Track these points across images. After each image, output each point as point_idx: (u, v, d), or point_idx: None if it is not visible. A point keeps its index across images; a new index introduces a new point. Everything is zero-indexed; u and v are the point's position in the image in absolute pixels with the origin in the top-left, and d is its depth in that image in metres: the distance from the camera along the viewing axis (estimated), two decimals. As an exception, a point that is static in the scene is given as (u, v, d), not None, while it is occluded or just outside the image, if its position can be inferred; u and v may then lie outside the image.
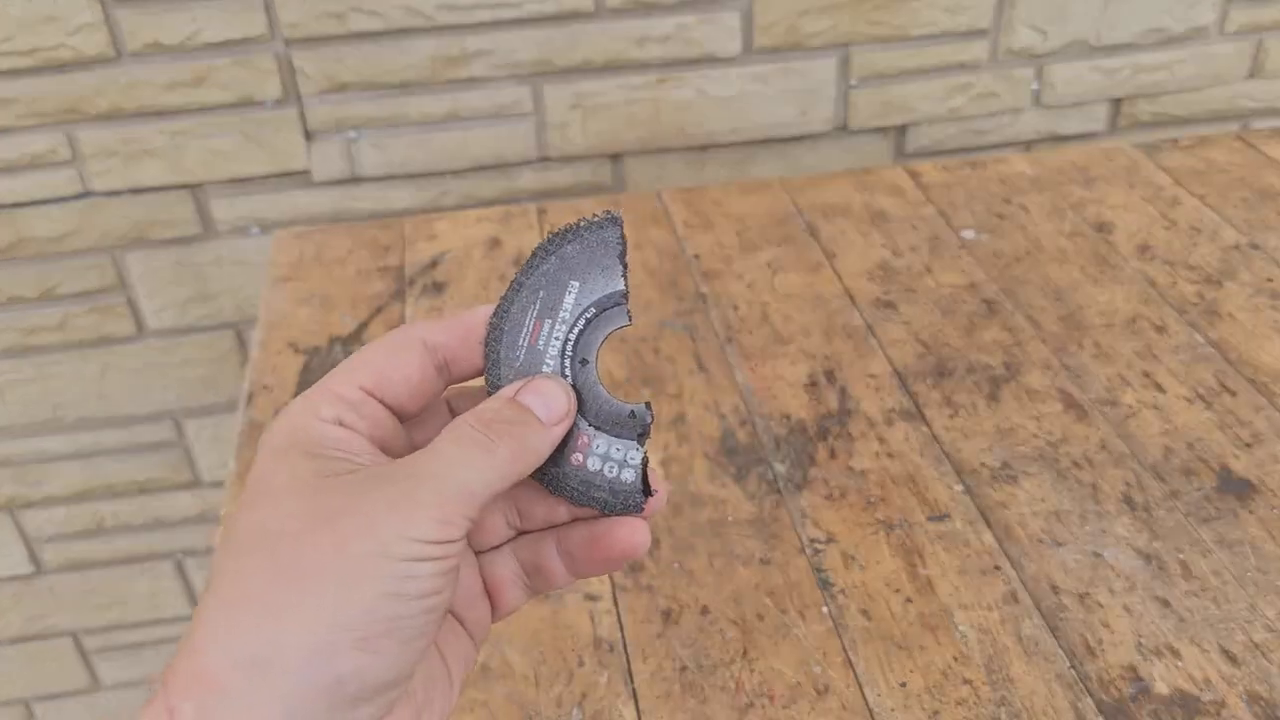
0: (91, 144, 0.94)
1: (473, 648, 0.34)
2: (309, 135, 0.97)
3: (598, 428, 0.33)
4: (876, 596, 0.56)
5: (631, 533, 0.33)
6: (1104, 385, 0.69)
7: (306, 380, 0.74)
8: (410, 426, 0.34)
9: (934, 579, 0.56)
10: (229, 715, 0.26)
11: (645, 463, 0.33)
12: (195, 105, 0.94)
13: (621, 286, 0.33)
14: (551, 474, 0.33)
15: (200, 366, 1.06)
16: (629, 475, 0.33)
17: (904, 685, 0.51)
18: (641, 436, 0.33)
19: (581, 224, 0.33)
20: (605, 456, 0.33)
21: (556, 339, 0.33)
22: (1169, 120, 1.09)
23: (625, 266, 0.33)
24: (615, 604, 0.56)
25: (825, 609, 0.55)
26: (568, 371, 0.33)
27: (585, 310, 0.33)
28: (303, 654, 0.27)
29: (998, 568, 0.57)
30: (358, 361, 0.32)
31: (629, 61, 0.97)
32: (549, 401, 0.32)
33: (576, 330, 0.33)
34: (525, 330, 0.33)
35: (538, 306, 0.33)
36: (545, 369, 0.33)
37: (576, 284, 0.33)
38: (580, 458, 0.33)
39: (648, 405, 0.33)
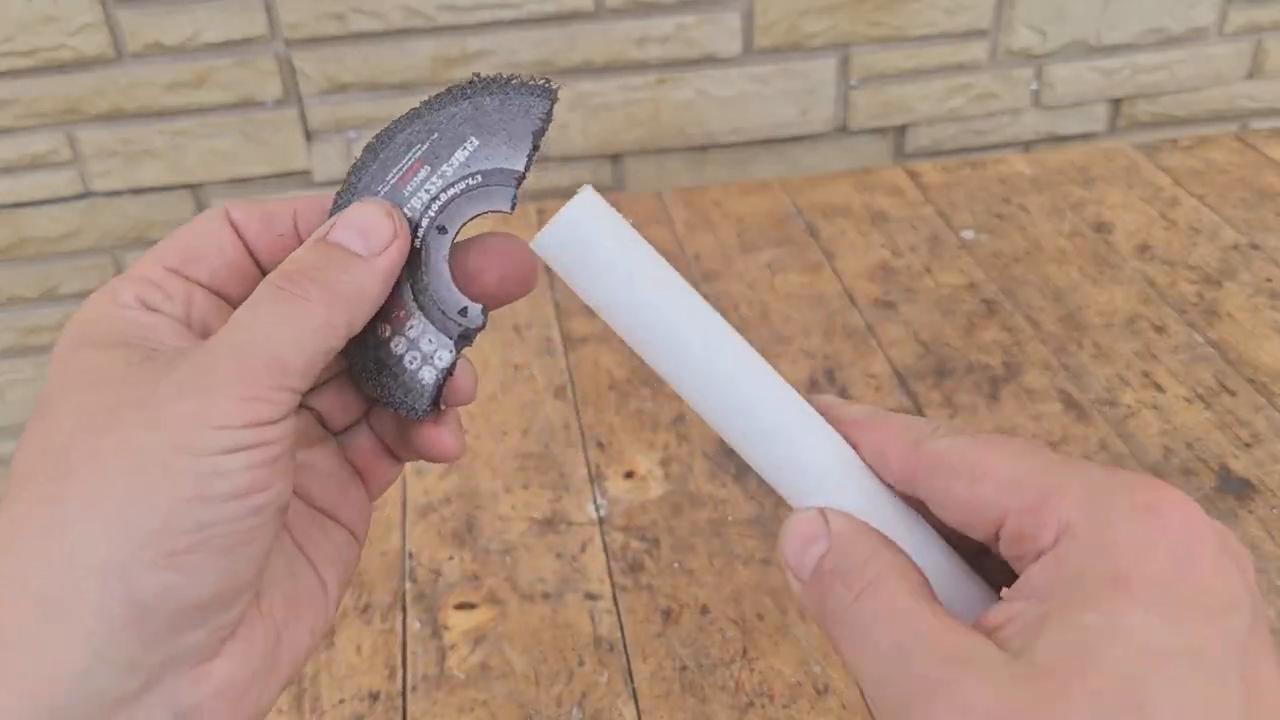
0: (92, 144, 0.95)
1: (352, 543, 0.30)
2: (309, 135, 0.97)
3: (422, 309, 0.28)
4: (876, 596, 0.56)
5: (439, 435, 0.29)
6: (1103, 385, 0.69)
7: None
8: None
9: (934, 579, 0.56)
10: (18, 664, 0.22)
11: (449, 371, 0.29)
12: (196, 106, 0.94)
13: (521, 168, 0.28)
14: (362, 368, 0.29)
15: (200, 366, 1.06)
16: (427, 376, 0.28)
17: (904, 685, 0.51)
18: (461, 339, 0.29)
19: (513, 80, 0.28)
20: (413, 343, 0.28)
21: (427, 191, 0.28)
22: (1168, 120, 1.09)
23: (535, 149, 0.28)
24: (615, 604, 0.56)
25: (825, 609, 0.55)
26: (420, 233, 0.28)
27: (472, 174, 0.28)
28: (96, 582, 0.22)
29: (997, 567, 0.57)
30: (160, 243, 0.28)
31: (629, 62, 0.97)
32: (367, 229, 0.27)
33: (452, 192, 0.28)
34: (400, 167, 0.28)
35: (425, 147, 0.28)
36: None
37: (476, 142, 0.28)
38: (388, 331, 0.28)
39: (484, 309, 0.29)
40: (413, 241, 0.28)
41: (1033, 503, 0.23)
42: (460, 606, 0.56)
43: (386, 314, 0.28)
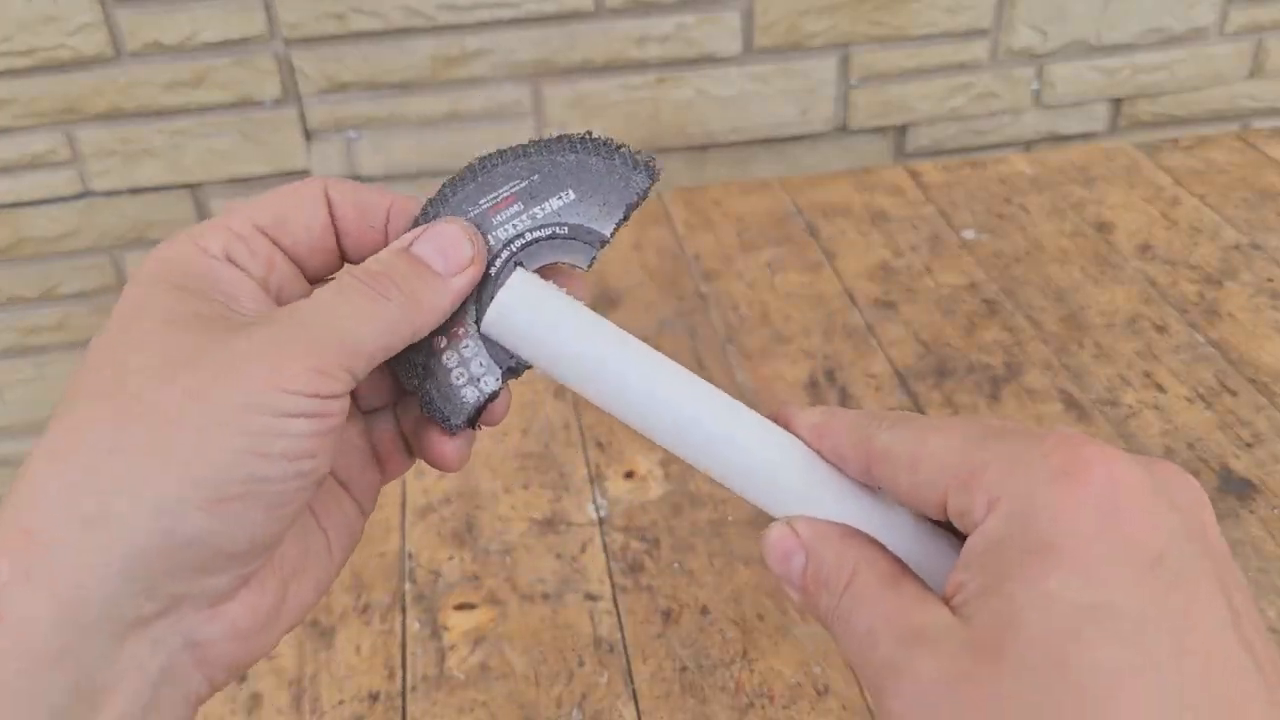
0: (91, 144, 0.94)
1: (359, 516, 0.31)
2: (308, 135, 0.97)
3: (482, 333, 0.30)
4: (877, 597, 0.56)
5: (453, 446, 0.31)
6: (1104, 385, 0.69)
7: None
8: None
9: (934, 579, 0.56)
10: (56, 573, 0.23)
11: (492, 397, 0.30)
12: (194, 105, 0.94)
13: (608, 233, 0.30)
14: (411, 369, 0.30)
15: (200, 366, 1.06)
16: (469, 395, 0.30)
17: (904, 685, 0.51)
18: (509, 372, 0.30)
19: (622, 149, 0.30)
20: (464, 361, 0.30)
21: (514, 226, 0.30)
22: (1169, 120, 1.09)
23: (625, 219, 0.30)
24: (615, 604, 0.56)
25: (825, 609, 0.55)
26: (497, 263, 0.29)
27: (560, 224, 0.30)
28: (145, 511, 0.23)
29: (998, 568, 0.57)
30: (255, 200, 0.29)
31: (629, 61, 0.97)
32: (448, 249, 0.28)
33: (538, 234, 0.30)
34: (495, 196, 0.30)
35: (524, 185, 0.30)
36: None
37: (573, 195, 0.30)
38: (444, 343, 0.30)
39: None
40: (489, 268, 0.30)
41: (963, 481, 0.24)
42: (460, 607, 0.56)
43: (446, 328, 0.30)
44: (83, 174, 0.96)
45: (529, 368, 0.30)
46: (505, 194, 0.30)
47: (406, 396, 0.32)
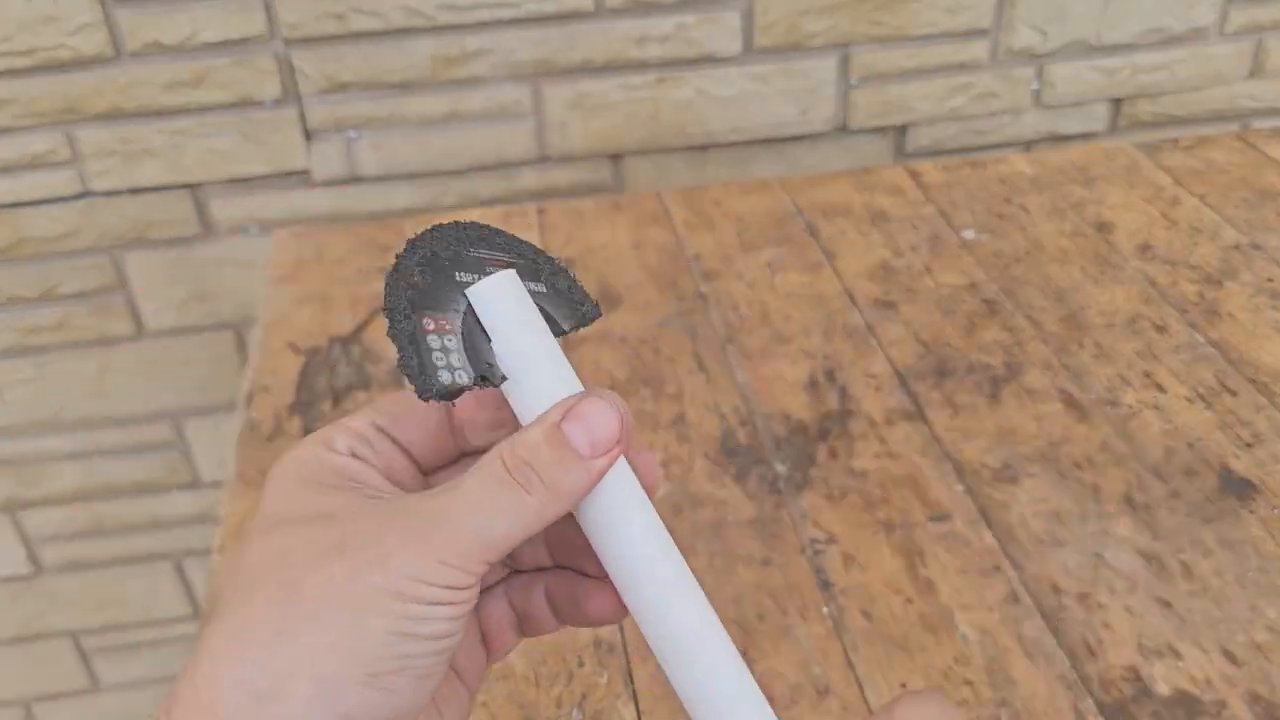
0: (91, 144, 0.94)
1: (468, 697, 0.34)
2: (308, 135, 0.97)
3: (465, 336, 0.30)
4: (877, 597, 0.56)
5: (605, 602, 0.33)
6: (1105, 385, 0.69)
7: (306, 380, 0.74)
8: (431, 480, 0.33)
9: (935, 580, 0.56)
10: None
11: (462, 390, 0.30)
12: (195, 105, 0.94)
13: (566, 328, 0.33)
14: (401, 326, 0.30)
15: (200, 366, 1.06)
16: (445, 378, 0.30)
17: (904, 686, 0.51)
18: (482, 379, 0.30)
19: (578, 284, 0.34)
20: (446, 350, 0.30)
21: None
22: (1169, 120, 1.09)
23: (574, 329, 0.33)
24: (615, 604, 0.56)
25: (825, 610, 0.55)
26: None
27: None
28: (310, 687, 0.26)
29: (998, 568, 0.57)
30: (373, 405, 0.32)
31: (629, 61, 0.97)
32: (594, 429, 0.29)
33: None
34: (492, 254, 0.32)
35: (511, 260, 0.32)
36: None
37: (544, 289, 0.32)
38: (431, 325, 0.30)
39: (504, 378, 0.31)
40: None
41: None
42: (460, 607, 0.56)
43: (436, 315, 0.30)
44: (83, 174, 0.96)
45: (497, 384, 0.31)
46: (501, 258, 0.32)
47: (517, 575, 0.34)
